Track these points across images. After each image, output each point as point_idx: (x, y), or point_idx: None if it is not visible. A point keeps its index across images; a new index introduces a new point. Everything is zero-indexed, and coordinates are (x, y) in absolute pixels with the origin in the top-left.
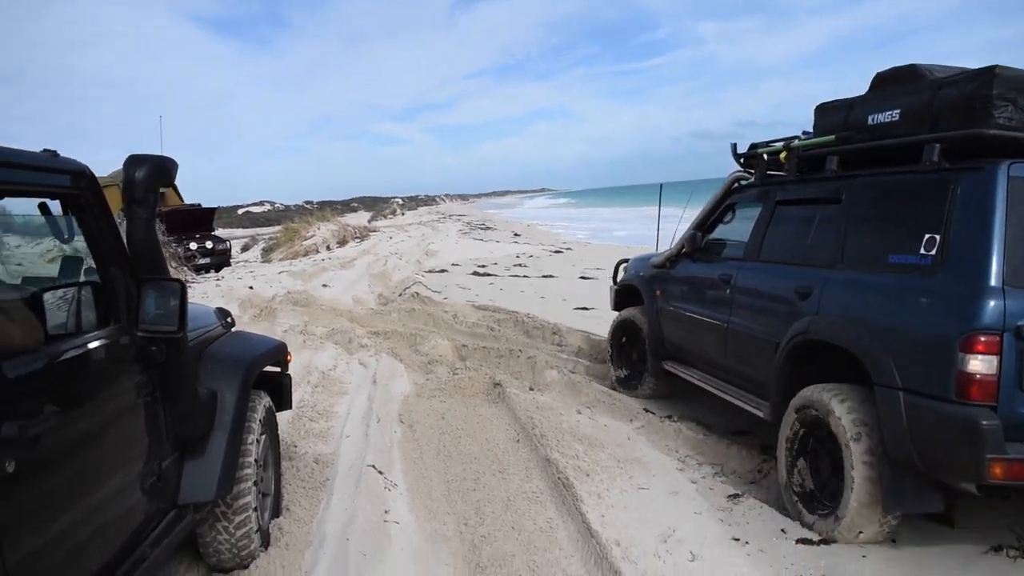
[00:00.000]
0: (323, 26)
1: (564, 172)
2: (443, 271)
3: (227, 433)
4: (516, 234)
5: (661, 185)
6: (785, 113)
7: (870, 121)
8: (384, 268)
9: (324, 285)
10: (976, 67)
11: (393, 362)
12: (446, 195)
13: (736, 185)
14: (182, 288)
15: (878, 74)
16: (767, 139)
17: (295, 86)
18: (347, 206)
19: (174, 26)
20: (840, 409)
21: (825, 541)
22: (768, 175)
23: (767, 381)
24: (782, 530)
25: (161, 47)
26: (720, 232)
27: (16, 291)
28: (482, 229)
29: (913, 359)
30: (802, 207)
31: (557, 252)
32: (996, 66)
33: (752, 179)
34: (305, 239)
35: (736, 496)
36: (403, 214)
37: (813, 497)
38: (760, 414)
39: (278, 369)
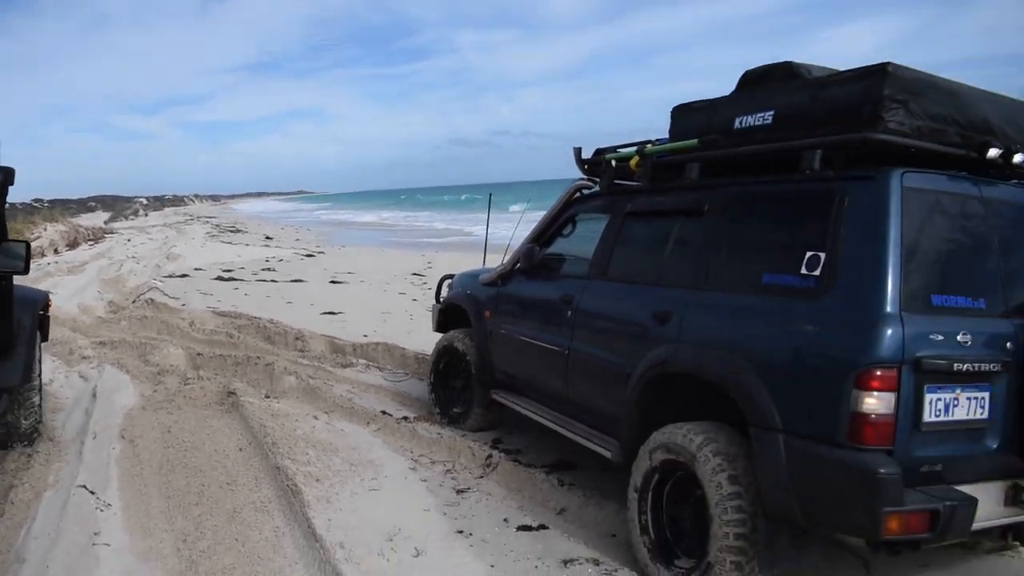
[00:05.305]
0: (62, 7)
1: (322, 175)
2: (184, 276)
3: None
4: (268, 237)
5: (491, 194)
6: (537, 123)
7: (737, 124)
8: (118, 273)
9: None
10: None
11: (118, 374)
12: (196, 195)
13: (579, 194)
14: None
15: (746, 72)
16: (619, 146)
17: (25, 70)
18: (84, 205)
19: None
20: (706, 453)
21: (544, 526)
22: (616, 184)
23: (616, 417)
24: (504, 520)
25: None
26: (560, 246)
27: None
28: (232, 232)
29: (796, 397)
30: (657, 220)
31: (309, 256)
32: (888, 63)
33: (597, 188)
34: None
35: (464, 491)
36: (147, 215)
37: (670, 552)
38: (607, 455)
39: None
